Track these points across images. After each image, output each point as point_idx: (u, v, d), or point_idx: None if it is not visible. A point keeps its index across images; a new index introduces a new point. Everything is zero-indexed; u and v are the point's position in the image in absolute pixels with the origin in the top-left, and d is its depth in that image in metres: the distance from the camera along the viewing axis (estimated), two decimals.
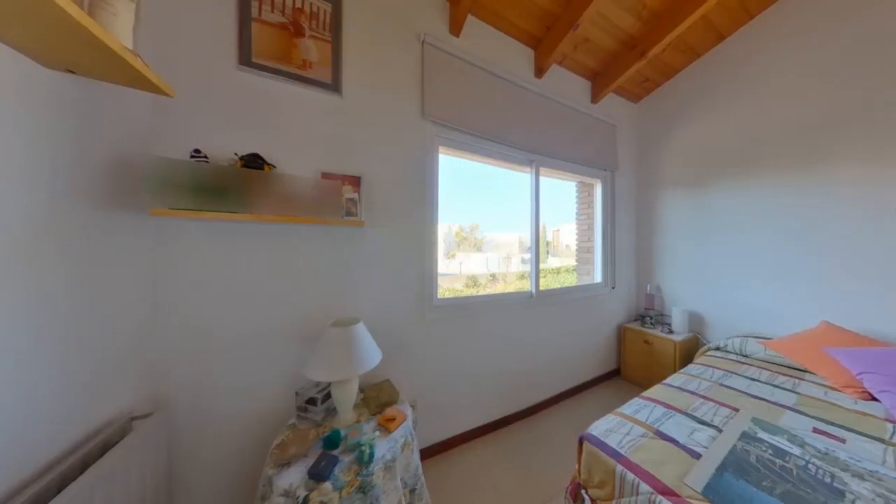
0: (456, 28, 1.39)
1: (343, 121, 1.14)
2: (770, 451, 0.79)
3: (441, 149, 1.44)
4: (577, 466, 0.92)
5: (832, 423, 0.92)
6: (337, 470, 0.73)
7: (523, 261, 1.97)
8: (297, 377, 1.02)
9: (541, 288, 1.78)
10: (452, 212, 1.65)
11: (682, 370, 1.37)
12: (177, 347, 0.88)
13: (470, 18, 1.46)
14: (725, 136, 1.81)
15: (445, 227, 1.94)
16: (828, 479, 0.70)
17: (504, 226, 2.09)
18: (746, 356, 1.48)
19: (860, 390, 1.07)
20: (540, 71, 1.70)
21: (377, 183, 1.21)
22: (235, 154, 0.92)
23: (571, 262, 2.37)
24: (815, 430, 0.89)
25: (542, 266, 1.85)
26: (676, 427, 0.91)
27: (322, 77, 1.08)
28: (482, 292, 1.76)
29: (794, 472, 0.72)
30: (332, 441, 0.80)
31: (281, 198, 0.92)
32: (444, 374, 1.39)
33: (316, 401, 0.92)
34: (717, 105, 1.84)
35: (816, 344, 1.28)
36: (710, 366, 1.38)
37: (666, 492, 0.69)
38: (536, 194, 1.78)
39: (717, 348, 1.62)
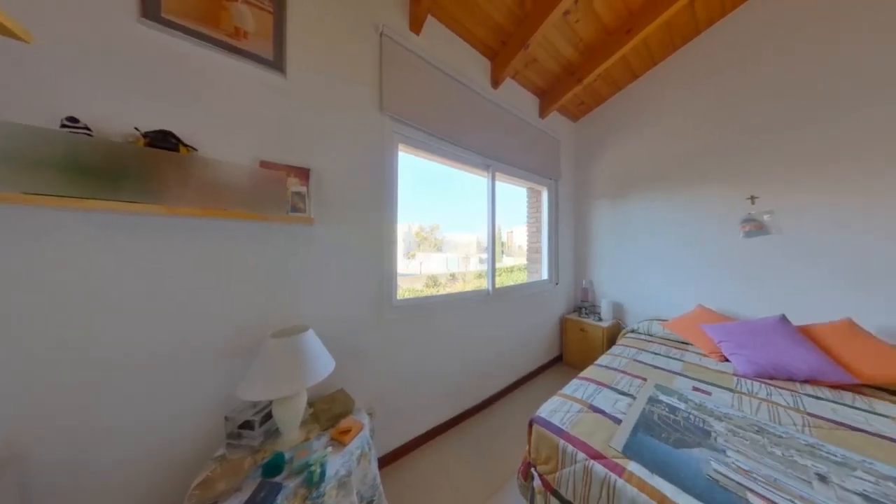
0: (416, 26, 1.38)
1: (288, 105, 1.01)
2: (666, 409, 1.00)
3: (401, 146, 1.41)
4: (527, 448, 1.00)
5: (704, 382, 1.21)
6: (280, 498, 0.65)
7: (481, 260, 2.07)
8: (229, 400, 0.87)
9: (497, 286, 1.90)
10: (413, 211, 1.63)
11: (607, 351, 1.62)
12: (45, 376, 0.66)
13: (431, 19, 1.47)
14: (638, 158, 2.22)
15: (405, 226, 1.91)
16: (700, 424, 0.92)
17: (463, 226, 2.16)
18: (651, 335, 1.85)
19: (719, 355, 1.44)
20: (496, 82, 1.81)
21: (330, 177, 1.12)
22: (137, 129, 0.74)
23: (523, 261, 2.59)
24: (694, 389, 1.16)
25: (497, 265, 1.97)
26: (604, 400, 1.07)
27: (261, 51, 0.94)
28: (442, 292, 1.78)
29: (681, 423, 0.92)
30: (273, 467, 0.71)
31: (205, 187, 0.77)
32: (404, 375, 1.37)
33: (252, 424, 0.80)
34: (632, 132, 2.25)
35: (694, 322, 1.68)
36: (627, 346, 1.68)
37: (596, 456, 0.81)
38: (493, 198, 1.89)
39: (632, 331, 1.98)
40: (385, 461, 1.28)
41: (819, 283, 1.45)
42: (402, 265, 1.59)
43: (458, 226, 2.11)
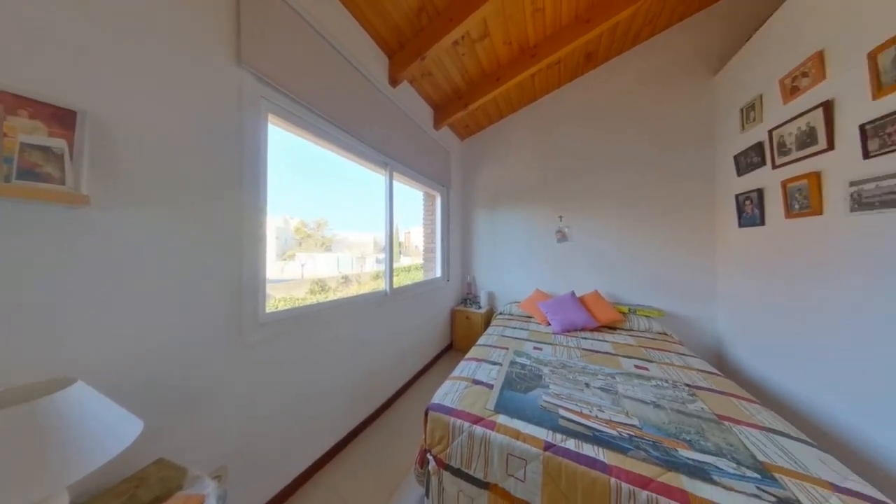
0: None
1: None
2: (520, 367, 1.37)
3: (272, 118, 1.12)
4: (424, 436, 1.07)
5: (539, 342, 1.75)
6: None
7: (378, 261, 2.00)
8: None
9: (395, 286, 1.89)
10: (292, 203, 1.34)
11: (484, 333, 2.01)
12: None
13: None
14: (504, 179, 2.88)
15: (280, 219, 1.53)
16: (537, 372, 1.32)
17: (359, 225, 2.00)
18: (512, 315, 2.46)
19: (547, 321, 2.13)
20: (394, 81, 1.80)
21: (135, 135, 0.72)
22: None
23: (420, 260, 2.72)
24: (534, 348, 1.64)
25: (395, 265, 1.97)
26: (483, 372, 1.32)
27: None
28: (332, 297, 1.57)
29: (528, 374, 1.29)
30: None
31: None
32: (279, 407, 1.10)
33: None
34: (500, 158, 2.90)
35: (534, 301, 2.39)
36: (497, 325, 2.14)
37: (476, 420, 0.98)
38: (391, 197, 1.87)
39: (500, 313, 2.55)
40: None
41: (586, 271, 2.44)
42: (276, 269, 1.27)
43: (353, 224, 1.93)
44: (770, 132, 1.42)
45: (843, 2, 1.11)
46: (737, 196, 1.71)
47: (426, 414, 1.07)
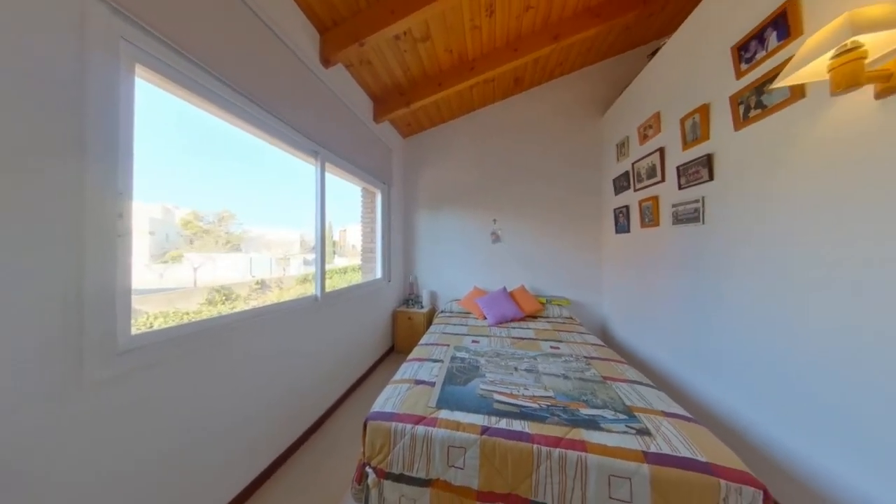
0: None
1: None
2: (460, 361, 1.44)
3: (142, 71, 0.84)
4: (362, 449, 1.00)
5: (477, 335, 1.89)
6: None
7: (306, 262, 1.75)
8: None
9: (328, 290, 1.70)
10: (183, 189, 1.04)
11: (427, 332, 2.03)
12: None
13: None
14: (445, 181, 2.98)
15: (158, 209, 1.16)
16: (475, 363, 1.42)
17: (281, 221, 1.70)
18: (452, 312, 2.57)
19: (483, 316, 2.31)
20: (327, 61, 1.61)
21: None
22: None
23: (358, 261, 2.53)
24: (472, 341, 1.76)
25: (329, 267, 1.77)
26: (425, 371, 1.33)
27: None
28: (243, 306, 1.28)
29: (467, 367, 1.37)
30: None
31: None
32: (155, 460, 0.82)
33: None
34: (441, 161, 2.98)
35: (472, 298, 2.56)
36: (439, 323, 2.20)
37: (419, 420, 0.98)
38: (322, 190, 1.67)
39: (442, 311, 2.63)
40: None
41: (515, 268, 2.78)
42: (152, 275, 0.96)
43: (273, 219, 1.63)
44: (633, 164, 1.95)
45: (669, 80, 1.63)
46: (614, 210, 2.27)
47: (365, 425, 1.00)
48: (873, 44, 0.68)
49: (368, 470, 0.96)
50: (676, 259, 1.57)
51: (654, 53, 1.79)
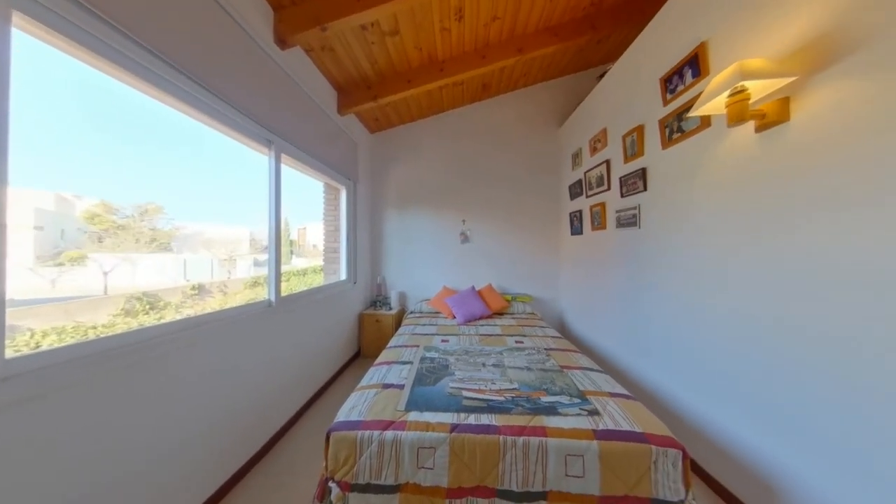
0: None
1: None
2: (430, 361, 1.44)
3: (23, 21, 0.66)
4: (324, 464, 0.93)
5: (446, 334, 1.91)
6: None
7: (258, 263, 1.57)
8: None
9: (283, 294, 1.55)
10: (91, 175, 0.85)
11: (396, 333, 1.98)
12: None
13: None
14: (415, 180, 2.95)
15: (50, 198, 0.93)
16: (444, 363, 1.43)
17: (227, 217, 1.50)
18: (422, 312, 2.56)
19: (453, 315, 2.35)
20: (282, 42, 1.47)
21: None
22: None
23: (319, 262, 2.35)
24: (442, 340, 1.77)
25: (286, 268, 1.61)
26: (394, 374, 1.30)
27: None
28: (173, 316, 1.09)
29: (437, 367, 1.38)
30: None
31: None
32: None
33: None
34: (411, 160, 2.94)
35: (442, 297, 2.58)
36: (408, 324, 2.17)
37: (387, 425, 0.96)
38: (277, 184, 1.51)
39: (412, 312, 2.60)
40: None
41: (483, 268, 2.87)
42: (42, 280, 0.79)
43: (216, 214, 1.42)
44: (585, 173, 2.17)
45: (614, 101, 1.85)
46: (570, 214, 2.50)
47: (327, 438, 0.94)
48: (754, 88, 0.87)
49: (332, 485, 0.90)
50: (619, 258, 1.80)
51: (602, 76, 2.02)
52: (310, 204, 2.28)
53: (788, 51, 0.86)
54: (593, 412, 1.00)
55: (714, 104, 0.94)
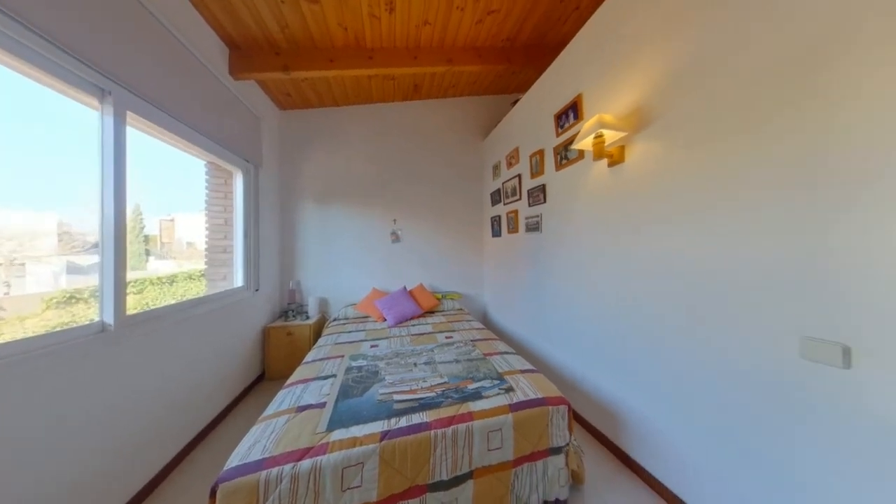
0: None
1: None
2: (356, 370, 1.33)
3: None
4: None
5: (376, 339, 1.80)
6: None
7: (75, 269, 1.06)
8: None
9: (132, 311, 1.10)
10: None
11: (314, 346, 1.73)
12: None
13: None
14: (338, 171, 2.65)
15: None
16: (374, 369, 1.35)
17: (3, 195, 0.93)
18: (348, 318, 2.33)
19: (383, 318, 2.24)
20: None
21: None
22: None
23: (200, 265, 1.79)
24: (371, 346, 1.67)
25: (138, 274, 1.14)
26: (311, 394, 1.13)
27: None
28: None
29: (365, 375, 1.28)
30: None
31: None
32: None
33: None
34: (335, 147, 2.64)
35: (371, 300, 2.43)
36: (330, 333, 1.94)
37: (302, 454, 0.82)
38: (118, 154, 1.06)
39: (335, 319, 2.33)
40: None
41: (414, 267, 2.88)
42: None
43: None
44: (503, 184, 2.50)
45: (524, 125, 2.21)
46: (491, 218, 2.83)
47: (213, 494, 0.73)
48: (608, 135, 1.22)
49: None
50: (527, 258, 2.16)
51: (515, 102, 2.38)
52: (183, 189, 1.70)
53: (625, 112, 1.25)
54: (509, 389, 1.17)
55: (585, 142, 1.27)
